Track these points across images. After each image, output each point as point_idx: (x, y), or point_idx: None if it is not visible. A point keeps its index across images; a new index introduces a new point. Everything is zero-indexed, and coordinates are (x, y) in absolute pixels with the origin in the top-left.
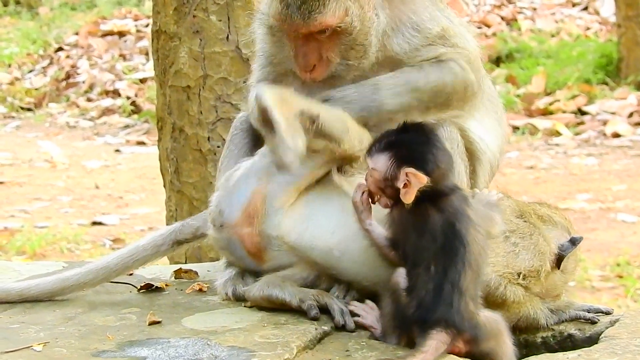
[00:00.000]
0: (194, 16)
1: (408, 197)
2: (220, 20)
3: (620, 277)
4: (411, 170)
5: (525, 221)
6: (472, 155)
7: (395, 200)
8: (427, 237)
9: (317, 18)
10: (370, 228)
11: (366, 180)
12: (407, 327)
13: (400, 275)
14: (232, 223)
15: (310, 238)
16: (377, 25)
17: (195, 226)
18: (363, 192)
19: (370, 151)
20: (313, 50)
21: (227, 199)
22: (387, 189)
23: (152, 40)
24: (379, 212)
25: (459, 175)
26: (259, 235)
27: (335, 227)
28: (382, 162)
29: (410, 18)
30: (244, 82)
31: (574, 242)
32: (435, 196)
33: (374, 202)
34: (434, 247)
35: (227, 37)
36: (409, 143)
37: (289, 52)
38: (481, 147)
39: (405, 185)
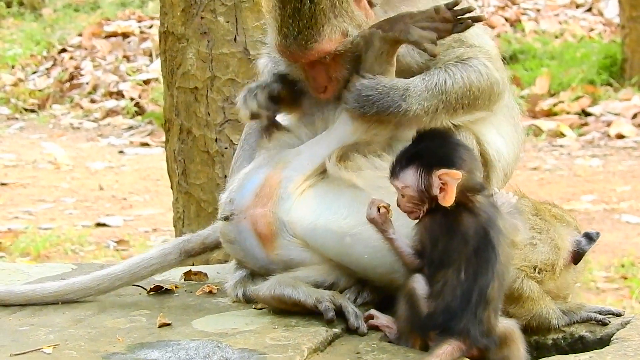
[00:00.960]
0: (201, 17)
1: (449, 199)
2: (227, 22)
3: (625, 278)
4: (442, 171)
5: (541, 218)
6: (486, 162)
7: (433, 208)
8: (460, 239)
9: (314, 47)
10: (394, 237)
11: (399, 203)
12: (425, 331)
13: (418, 281)
14: (243, 207)
15: (323, 225)
16: None
17: (204, 235)
18: (379, 208)
19: (393, 173)
20: (321, 73)
21: (238, 188)
22: (425, 201)
23: (160, 41)
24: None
25: None
26: (273, 215)
27: (347, 214)
28: (410, 178)
29: None
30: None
31: (591, 237)
32: (467, 196)
33: (412, 217)
34: (466, 250)
35: (235, 39)
36: (429, 149)
37: (301, 74)
38: (496, 155)
39: (441, 189)
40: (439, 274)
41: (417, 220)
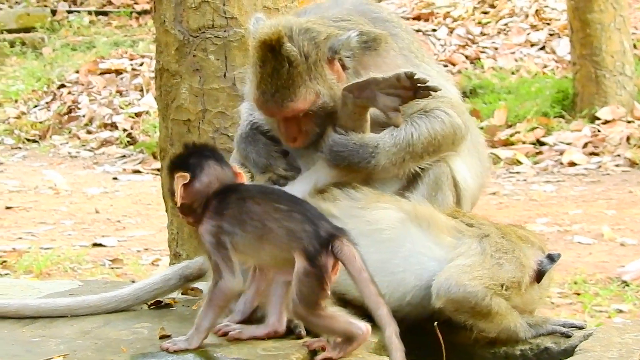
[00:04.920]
0: (194, 55)
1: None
2: (217, 59)
3: (578, 294)
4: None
5: (507, 240)
6: (457, 189)
7: None
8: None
9: (290, 105)
10: None
11: None
12: None
13: None
14: None
15: None
16: None
17: (201, 262)
18: None
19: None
20: (292, 126)
21: None
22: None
23: (155, 77)
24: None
25: (448, 203)
26: None
27: None
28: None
29: None
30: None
31: (552, 258)
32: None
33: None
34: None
35: (225, 75)
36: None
37: (274, 124)
38: (463, 185)
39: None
40: None
41: None
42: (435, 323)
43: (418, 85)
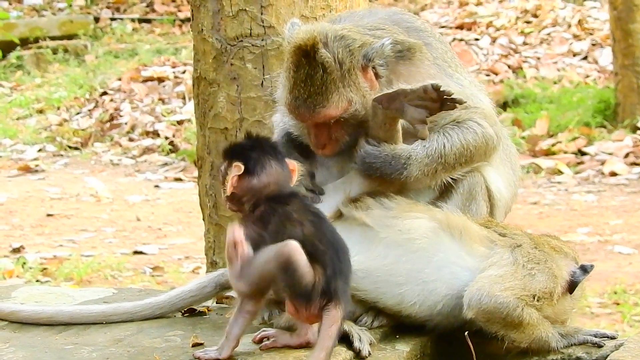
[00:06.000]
0: (231, 64)
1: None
2: (255, 68)
3: (617, 304)
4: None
5: (540, 250)
6: (491, 199)
7: None
8: None
9: (321, 112)
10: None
11: None
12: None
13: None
14: None
15: None
16: None
17: None
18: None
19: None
20: (323, 132)
21: None
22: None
23: (193, 86)
24: None
25: (481, 213)
26: None
27: (357, 251)
28: None
29: None
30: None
31: (585, 269)
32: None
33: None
34: None
35: (262, 84)
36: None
37: (305, 130)
38: (497, 195)
39: None
40: None
41: None
42: (466, 333)
43: (444, 97)
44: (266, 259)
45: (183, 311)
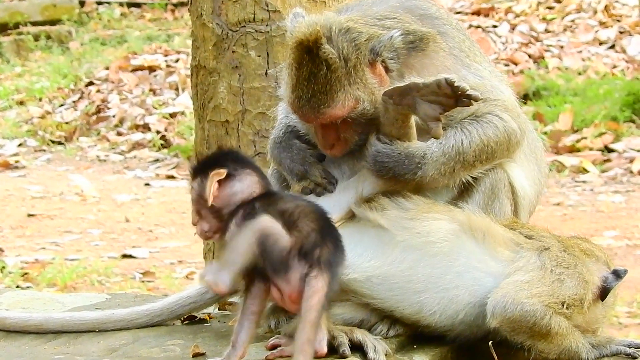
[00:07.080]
0: (233, 52)
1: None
2: (259, 56)
3: None
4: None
5: (569, 254)
6: (514, 196)
7: None
8: None
9: (326, 112)
10: None
11: None
12: None
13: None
14: None
15: (350, 266)
16: None
17: None
18: None
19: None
20: (330, 132)
21: None
22: None
23: (191, 75)
24: None
25: (505, 213)
26: None
27: (372, 256)
28: None
29: None
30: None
31: (618, 274)
32: None
33: None
34: None
35: (266, 73)
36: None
37: (311, 129)
38: (521, 193)
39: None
40: None
41: None
42: (490, 343)
43: (459, 93)
44: (241, 235)
45: (182, 318)
